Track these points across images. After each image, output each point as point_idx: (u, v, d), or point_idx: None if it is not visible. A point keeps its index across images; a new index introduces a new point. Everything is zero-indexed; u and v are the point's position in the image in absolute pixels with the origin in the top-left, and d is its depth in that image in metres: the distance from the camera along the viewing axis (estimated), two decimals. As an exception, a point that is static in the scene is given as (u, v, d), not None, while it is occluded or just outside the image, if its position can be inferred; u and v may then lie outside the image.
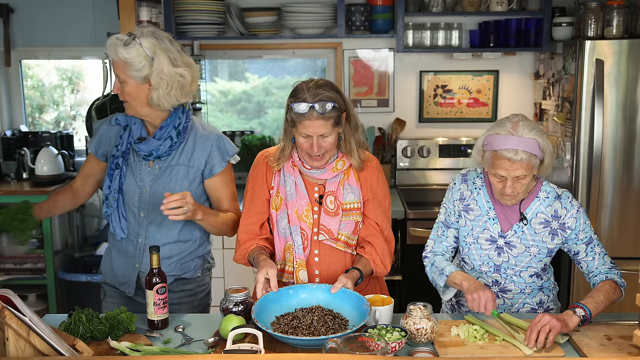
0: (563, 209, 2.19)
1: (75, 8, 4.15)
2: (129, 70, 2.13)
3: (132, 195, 2.26)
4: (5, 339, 1.62)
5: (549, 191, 2.22)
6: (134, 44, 2.11)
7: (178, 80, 2.17)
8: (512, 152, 2.05)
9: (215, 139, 2.29)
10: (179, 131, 2.24)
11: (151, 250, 2.05)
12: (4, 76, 4.30)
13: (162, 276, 2.05)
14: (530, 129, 2.07)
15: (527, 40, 3.84)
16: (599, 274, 2.15)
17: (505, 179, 2.10)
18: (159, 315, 2.06)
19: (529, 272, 2.23)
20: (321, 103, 2.05)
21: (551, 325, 1.88)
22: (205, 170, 2.29)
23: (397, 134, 4.11)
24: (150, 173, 2.26)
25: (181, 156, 2.26)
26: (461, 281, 2.13)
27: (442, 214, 2.33)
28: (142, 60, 2.12)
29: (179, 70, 2.16)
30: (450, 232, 2.30)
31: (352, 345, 1.69)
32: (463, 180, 2.30)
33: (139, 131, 2.26)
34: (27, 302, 3.28)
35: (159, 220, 2.26)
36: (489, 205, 2.24)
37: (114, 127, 2.32)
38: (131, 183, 2.26)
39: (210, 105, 4.33)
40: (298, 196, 2.20)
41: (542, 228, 2.19)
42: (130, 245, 2.31)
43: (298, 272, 2.19)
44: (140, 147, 2.23)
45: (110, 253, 2.38)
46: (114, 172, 2.26)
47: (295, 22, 3.89)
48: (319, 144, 2.10)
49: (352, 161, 2.20)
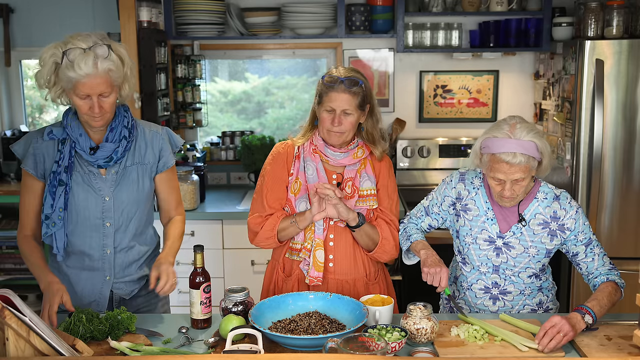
0: (562, 210, 2.18)
1: (75, 8, 4.15)
2: (113, 81, 2.05)
3: (92, 208, 2.15)
4: (5, 339, 1.62)
5: (547, 192, 2.21)
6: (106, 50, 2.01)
7: (132, 70, 2.14)
8: (511, 156, 2.04)
9: (165, 133, 2.29)
10: (129, 129, 2.17)
11: (196, 250, 2.06)
12: (4, 76, 4.31)
13: (206, 275, 2.07)
14: (528, 131, 2.06)
15: (527, 40, 3.84)
16: (599, 275, 2.14)
17: (504, 182, 2.10)
18: (205, 314, 2.07)
19: (528, 272, 2.22)
20: (350, 79, 2.19)
21: (565, 331, 1.88)
22: (159, 165, 2.25)
23: (397, 134, 4.11)
24: (107, 180, 2.16)
25: (134, 155, 2.21)
26: (420, 250, 2.21)
27: (428, 199, 2.38)
28: (119, 63, 2.06)
29: (129, 59, 2.13)
30: (427, 220, 2.37)
31: (352, 345, 1.69)
32: (461, 180, 2.30)
33: (87, 142, 2.13)
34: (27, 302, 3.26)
35: (125, 225, 2.21)
36: (487, 205, 2.23)
37: (47, 142, 2.15)
38: (88, 196, 2.15)
39: (210, 105, 4.33)
40: (319, 180, 2.26)
41: (540, 229, 2.19)
42: (94, 260, 2.20)
43: (315, 251, 2.24)
44: (96, 156, 2.12)
45: (66, 275, 2.21)
46: (57, 189, 2.11)
47: (295, 22, 3.89)
48: (340, 119, 2.19)
49: (376, 151, 2.31)
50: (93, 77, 1.99)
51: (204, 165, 3.90)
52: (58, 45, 2.02)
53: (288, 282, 2.31)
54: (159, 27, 3.75)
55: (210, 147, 4.25)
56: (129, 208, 2.20)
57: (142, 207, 2.24)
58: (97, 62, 1.98)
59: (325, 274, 2.26)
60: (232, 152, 4.22)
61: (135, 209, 2.22)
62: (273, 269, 2.37)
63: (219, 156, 4.22)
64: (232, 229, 3.57)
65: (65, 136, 2.14)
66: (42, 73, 2.04)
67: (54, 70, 2.03)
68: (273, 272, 2.37)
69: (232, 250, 3.60)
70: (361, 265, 2.30)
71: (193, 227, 3.54)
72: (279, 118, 4.42)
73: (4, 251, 3.89)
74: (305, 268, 2.26)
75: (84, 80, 1.99)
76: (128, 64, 2.11)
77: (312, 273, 2.24)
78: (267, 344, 1.88)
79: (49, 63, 2.02)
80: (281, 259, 2.34)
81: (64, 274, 2.21)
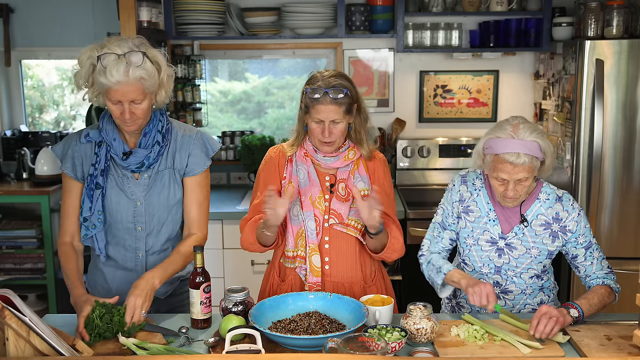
0: (564, 212, 2.18)
1: (75, 8, 4.16)
2: (145, 88, 2.03)
3: (124, 212, 2.17)
4: (5, 339, 1.62)
5: (550, 193, 2.21)
6: (141, 57, 2.00)
7: (170, 76, 2.14)
8: (514, 156, 2.04)
9: (198, 137, 2.25)
10: (163, 134, 2.18)
11: (195, 250, 2.06)
12: (4, 76, 4.31)
13: (206, 275, 2.07)
14: (531, 132, 2.06)
15: (527, 40, 3.84)
16: (596, 278, 2.17)
17: (507, 182, 2.09)
18: (205, 314, 2.06)
19: (530, 273, 2.23)
20: (334, 89, 2.13)
21: (555, 315, 1.92)
22: (186, 170, 2.22)
23: (397, 134, 4.11)
24: (140, 184, 2.17)
25: (167, 160, 2.20)
26: (459, 279, 2.13)
27: (440, 214, 2.33)
28: (153, 71, 2.04)
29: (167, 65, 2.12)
30: (446, 234, 2.30)
31: (352, 345, 1.69)
32: (462, 182, 2.29)
33: (121, 146, 2.14)
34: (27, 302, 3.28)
35: (157, 230, 2.22)
36: (489, 206, 2.23)
37: (84, 144, 2.17)
38: (120, 199, 2.16)
39: (210, 105, 4.33)
40: (311, 184, 2.24)
41: (542, 230, 2.19)
42: (128, 261, 2.23)
43: (311, 257, 2.22)
44: (129, 161, 2.13)
45: (102, 273, 2.26)
46: (94, 192, 2.13)
47: (295, 22, 3.89)
48: (330, 129, 2.16)
49: (362, 151, 2.27)
50: (124, 84, 1.98)
51: (204, 165, 3.90)
52: (95, 47, 2.03)
53: (282, 287, 2.30)
54: (159, 27, 3.75)
55: (210, 147, 4.24)
56: (160, 212, 2.20)
57: (174, 211, 2.23)
58: (128, 69, 1.97)
59: (321, 277, 2.24)
60: (232, 152, 4.22)
61: (167, 214, 2.21)
62: (270, 271, 2.37)
63: (219, 156, 4.22)
64: (232, 229, 3.57)
65: (101, 139, 2.15)
66: (81, 74, 2.05)
67: (92, 72, 2.03)
68: (270, 275, 2.36)
69: (232, 250, 3.60)
70: (358, 268, 2.28)
71: (193, 227, 3.54)
72: (279, 118, 4.42)
73: (4, 251, 3.89)
74: (302, 273, 2.25)
75: (115, 87, 1.98)
76: (165, 71, 2.10)
77: (310, 279, 2.22)
78: (267, 344, 1.88)
79: (87, 65, 2.03)
80: (277, 263, 2.33)
81: (100, 271, 2.27)
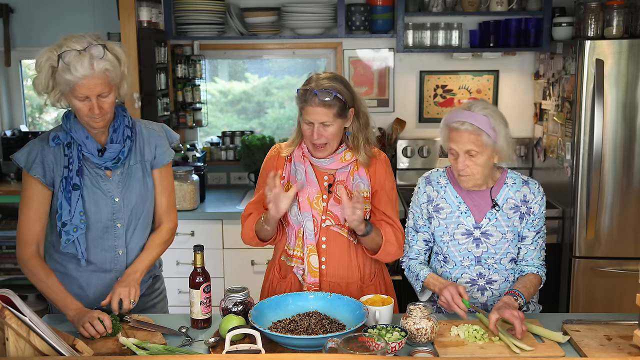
0: (531, 194, 2.26)
1: (75, 8, 4.15)
2: (110, 80, 2.02)
3: (103, 210, 2.15)
4: (5, 339, 1.62)
5: (515, 177, 2.30)
6: (102, 50, 1.98)
7: (130, 68, 2.13)
8: (459, 123, 2.13)
9: (161, 129, 2.28)
10: (131, 129, 2.17)
11: (195, 250, 2.06)
12: (4, 76, 4.31)
13: (206, 275, 2.07)
14: (483, 107, 2.16)
15: (527, 40, 3.84)
16: (532, 266, 2.25)
17: (457, 155, 2.16)
18: (205, 314, 2.07)
19: (508, 257, 2.28)
20: (323, 91, 2.11)
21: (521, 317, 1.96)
22: (153, 161, 2.23)
23: (397, 134, 4.11)
24: (113, 181, 2.16)
25: (136, 154, 2.20)
26: (434, 285, 2.22)
27: (410, 219, 2.38)
28: (115, 62, 2.03)
29: (125, 57, 2.10)
30: (419, 236, 2.36)
31: (352, 345, 1.69)
32: (427, 183, 2.34)
33: (94, 144, 2.11)
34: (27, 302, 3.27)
35: (134, 224, 2.21)
36: (458, 200, 2.27)
37: (53, 147, 2.12)
38: (98, 198, 2.14)
39: (210, 105, 4.33)
40: (309, 184, 2.23)
41: (512, 213, 2.26)
42: (106, 262, 2.20)
43: (309, 258, 2.22)
44: (104, 157, 2.11)
45: (76, 279, 2.21)
46: (72, 194, 2.09)
47: (295, 22, 3.89)
48: (319, 132, 2.14)
49: (359, 157, 2.24)
50: (90, 78, 1.97)
51: (204, 165, 3.90)
52: (52, 49, 1.99)
53: (283, 284, 2.30)
54: (159, 27, 3.75)
55: (210, 147, 4.25)
56: (137, 206, 2.21)
57: (148, 204, 2.25)
58: (93, 62, 1.96)
59: (319, 277, 2.24)
60: (232, 152, 4.22)
61: (142, 207, 2.22)
62: (271, 268, 2.38)
63: (219, 156, 4.22)
64: (232, 229, 3.57)
65: (70, 140, 2.12)
66: (40, 79, 2.02)
67: (51, 74, 2.01)
68: (270, 271, 2.37)
69: (232, 250, 3.60)
70: (355, 268, 2.27)
71: (193, 227, 3.54)
72: (279, 118, 4.42)
73: (4, 251, 3.89)
74: (299, 273, 2.25)
75: (82, 81, 1.97)
76: (124, 63, 2.08)
77: (308, 279, 2.22)
78: (267, 344, 1.88)
79: (45, 67, 2.00)
80: (277, 260, 2.34)
81: (73, 278, 2.20)
